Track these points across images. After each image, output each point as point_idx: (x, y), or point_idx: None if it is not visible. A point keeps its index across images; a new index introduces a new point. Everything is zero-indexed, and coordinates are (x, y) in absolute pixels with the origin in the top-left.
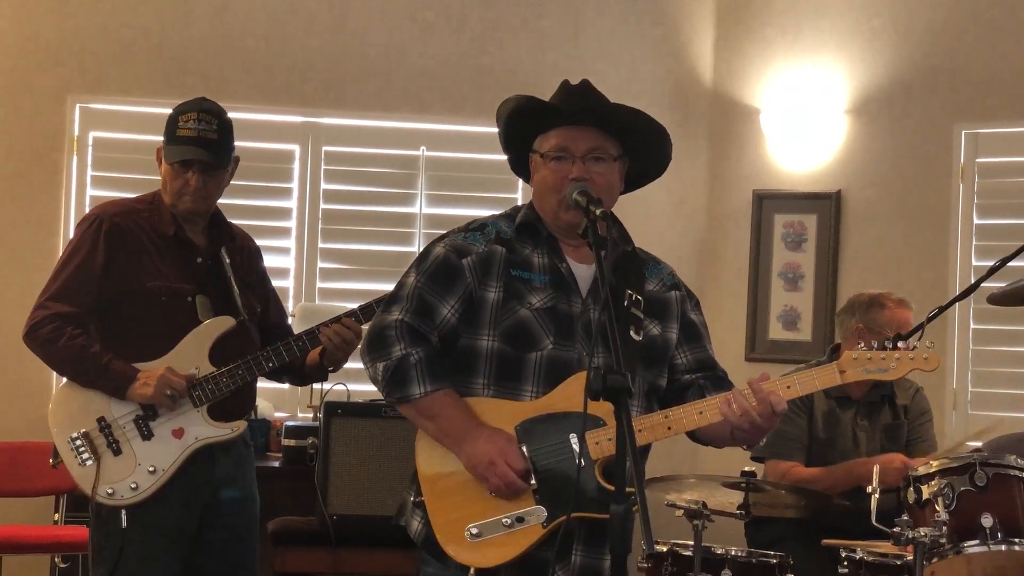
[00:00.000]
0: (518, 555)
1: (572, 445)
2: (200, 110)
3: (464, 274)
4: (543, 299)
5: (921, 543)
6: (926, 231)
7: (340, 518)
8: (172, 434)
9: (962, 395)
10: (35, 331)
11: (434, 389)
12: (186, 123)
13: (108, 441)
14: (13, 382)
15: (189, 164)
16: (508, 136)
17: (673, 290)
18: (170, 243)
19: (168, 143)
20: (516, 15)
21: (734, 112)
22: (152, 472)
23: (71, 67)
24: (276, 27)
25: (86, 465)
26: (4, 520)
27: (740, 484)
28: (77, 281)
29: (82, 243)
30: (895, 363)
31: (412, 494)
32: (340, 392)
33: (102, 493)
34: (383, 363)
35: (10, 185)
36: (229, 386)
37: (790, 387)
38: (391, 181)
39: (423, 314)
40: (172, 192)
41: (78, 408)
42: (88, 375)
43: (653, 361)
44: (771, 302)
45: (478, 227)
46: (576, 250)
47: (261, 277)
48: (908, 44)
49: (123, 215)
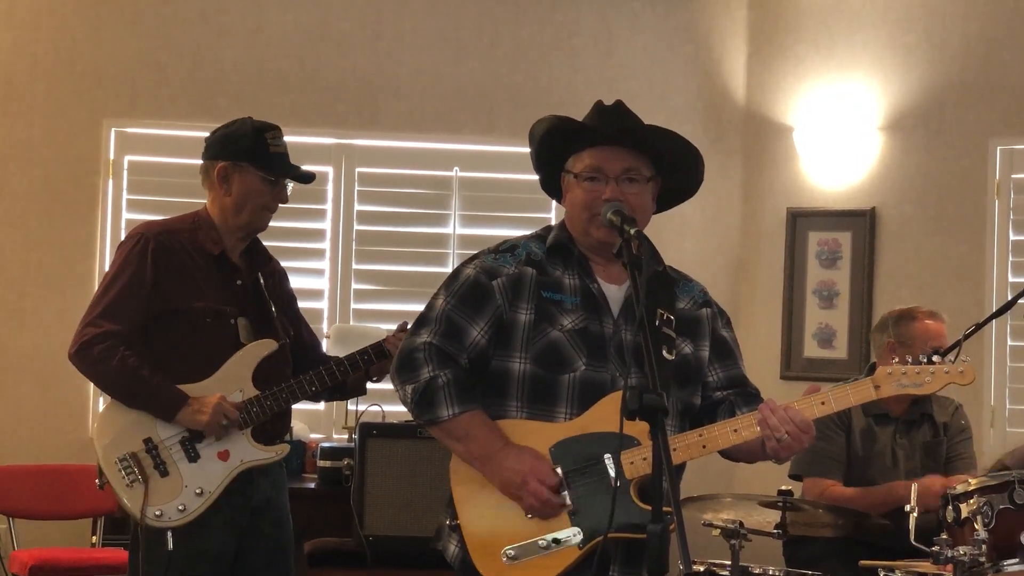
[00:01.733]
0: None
1: (607, 466)
2: (278, 130)
3: (494, 296)
4: (575, 320)
5: (960, 562)
6: (962, 247)
7: (376, 539)
8: (217, 456)
9: (1000, 412)
10: (86, 349)
11: (462, 411)
12: (274, 140)
13: (155, 462)
14: (51, 403)
15: (282, 182)
16: (541, 156)
17: (704, 307)
18: (212, 264)
19: (258, 157)
20: (548, 34)
21: (767, 130)
22: (199, 494)
23: (107, 91)
24: (309, 49)
25: (133, 487)
26: (42, 543)
27: (777, 503)
28: (126, 299)
29: (129, 261)
30: (930, 377)
31: (448, 517)
32: (375, 413)
33: (150, 515)
34: (412, 385)
35: (47, 208)
36: (273, 409)
37: (824, 403)
38: (424, 202)
39: (452, 336)
40: (256, 208)
41: (125, 429)
42: (139, 397)
43: (686, 380)
44: (806, 320)
45: (508, 248)
46: (607, 270)
47: (290, 299)
48: (942, 59)
49: (167, 234)
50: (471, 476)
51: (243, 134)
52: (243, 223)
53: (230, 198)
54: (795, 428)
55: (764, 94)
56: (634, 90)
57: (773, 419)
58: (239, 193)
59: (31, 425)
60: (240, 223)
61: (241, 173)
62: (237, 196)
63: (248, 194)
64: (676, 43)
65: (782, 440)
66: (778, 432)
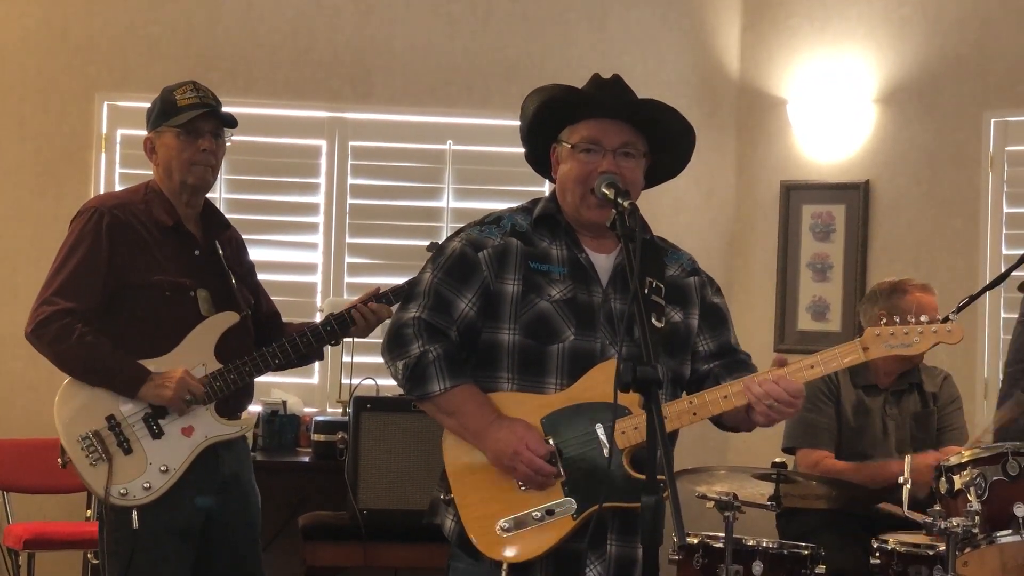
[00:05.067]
0: (550, 548)
1: (598, 435)
2: (193, 83)
3: (480, 267)
4: (563, 291)
5: (954, 533)
6: (956, 220)
7: (370, 512)
8: (182, 432)
9: (993, 384)
10: (42, 328)
11: (454, 385)
12: (184, 95)
13: (119, 440)
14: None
15: (198, 130)
16: (533, 126)
17: (693, 276)
18: (168, 235)
19: (169, 116)
20: (542, 8)
21: (761, 103)
22: (164, 471)
23: (99, 65)
24: (302, 23)
25: (97, 466)
26: (37, 516)
27: (771, 475)
28: (82, 276)
29: (83, 237)
30: (919, 337)
31: (442, 492)
32: (369, 387)
33: (115, 494)
34: (402, 361)
35: (39, 183)
36: (237, 383)
37: (813, 367)
38: (418, 175)
39: (440, 309)
40: (181, 164)
41: (86, 406)
42: (99, 374)
43: (676, 348)
44: (800, 293)
45: (493, 220)
46: (594, 240)
47: (249, 268)
48: (937, 32)
49: (120, 207)
50: (464, 450)
51: (156, 101)
52: (177, 184)
53: (160, 166)
54: (784, 394)
55: (758, 67)
56: (628, 64)
57: (759, 388)
58: (163, 157)
59: (25, 399)
60: (175, 186)
61: (160, 137)
62: (163, 160)
63: (170, 154)
64: (670, 16)
65: (772, 406)
66: (766, 399)
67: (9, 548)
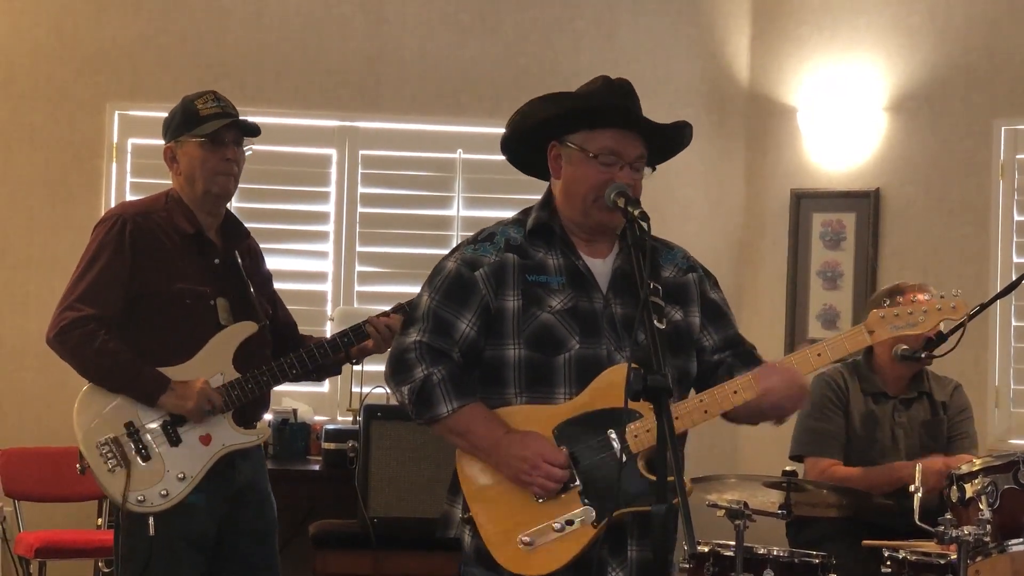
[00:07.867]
0: (573, 558)
1: (612, 441)
2: (213, 93)
3: (478, 287)
4: (563, 300)
5: (965, 542)
6: (966, 228)
7: (381, 520)
8: (199, 440)
9: (1004, 393)
10: (64, 334)
11: (461, 405)
12: (205, 104)
13: (137, 447)
14: (55, 386)
15: (222, 140)
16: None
17: (690, 272)
18: (189, 243)
19: (192, 125)
20: (551, 16)
21: (771, 111)
22: (181, 479)
23: (109, 75)
24: (311, 32)
25: (115, 472)
26: (47, 525)
27: (781, 484)
28: (104, 283)
29: (106, 244)
30: (923, 316)
31: (460, 510)
32: (379, 395)
33: (132, 500)
34: (407, 386)
35: (50, 192)
36: (254, 392)
37: (820, 354)
38: (428, 184)
39: (441, 332)
40: (205, 174)
41: (105, 412)
42: (120, 381)
43: (680, 347)
44: (810, 301)
45: (486, 237)
46: (589, 246)
47: (267, 278)
48: (946, 40)
49: (143, 215)
50: (477, 468)
51: (176, 111)
52: (200, 194)
53: (182, 176)
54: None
55: (767, 75)
56: (637, 72)
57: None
58: (186, 166)
59: (36, 408)
60: (198, 195)
61: (182, 147)
62: (186, 170)
63: (192, 164)
64: (679, 25)
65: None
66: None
67: (20, 556)
